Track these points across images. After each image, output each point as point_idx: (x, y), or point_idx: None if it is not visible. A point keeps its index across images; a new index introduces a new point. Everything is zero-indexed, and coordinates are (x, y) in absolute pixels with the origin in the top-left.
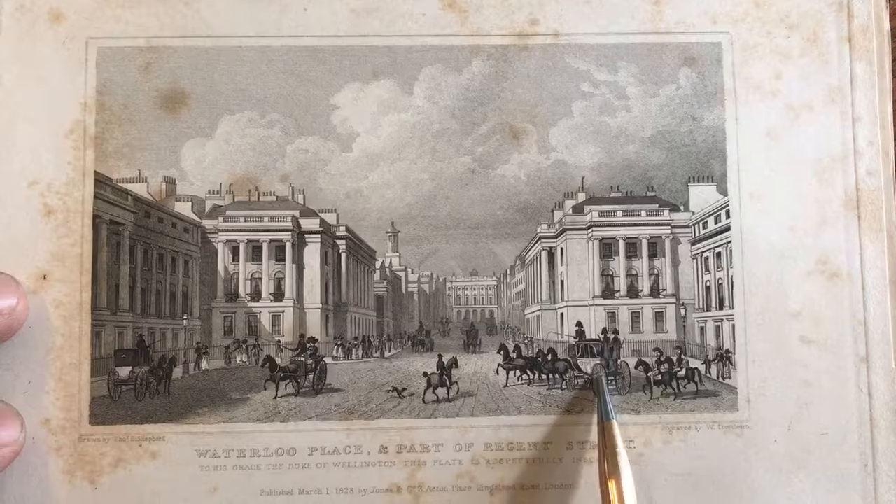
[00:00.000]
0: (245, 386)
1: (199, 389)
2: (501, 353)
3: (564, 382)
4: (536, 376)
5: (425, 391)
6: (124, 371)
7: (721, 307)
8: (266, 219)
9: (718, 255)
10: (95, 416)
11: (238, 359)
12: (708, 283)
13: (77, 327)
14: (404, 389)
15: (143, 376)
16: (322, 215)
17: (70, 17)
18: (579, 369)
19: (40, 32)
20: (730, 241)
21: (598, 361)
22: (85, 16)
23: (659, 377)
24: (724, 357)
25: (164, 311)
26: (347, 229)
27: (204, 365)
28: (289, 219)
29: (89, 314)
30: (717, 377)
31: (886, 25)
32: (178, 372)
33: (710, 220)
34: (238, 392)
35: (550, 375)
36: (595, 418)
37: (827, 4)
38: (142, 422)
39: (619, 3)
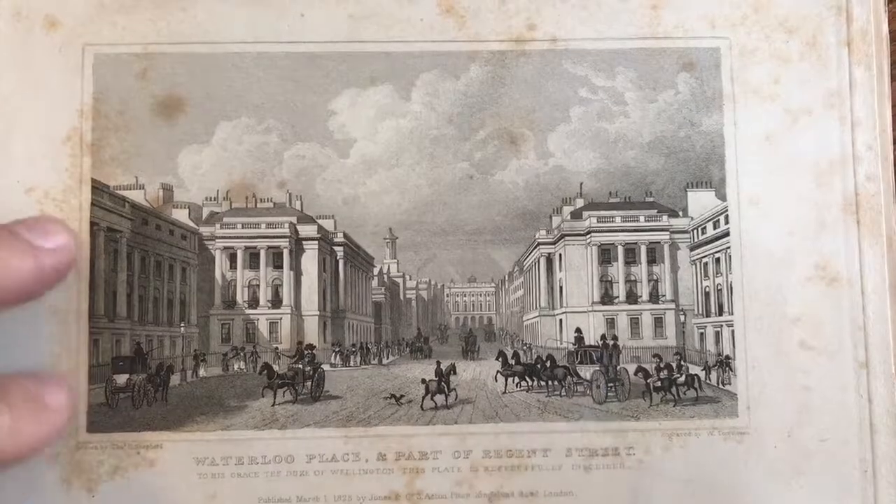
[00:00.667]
0: (243, 393)
1: (197, 397)
2: (500, 359)
3: (563, 389)
4: (535, 383)
5: (424, 398)
6: (122, 378)
7: (720, 313)
8: (263, 225)
9: (717, 260)
10: (93, 424)
11: (236, 366)
12: (707, 289)
13: (74, 335)
14: (402, 396)
15: (140, 384)
16: (320, 222)
17: (66, 23)
18: (578, 376)
19: (36, 39)
20: (729, 247)
21: (598, 368)
22: (81, 22)
23: (658, 383)
24: (724, 363)
25: (161, 318)
26: (345, 236)
27: (202, 372)
28: (286, 225)
29: (87, 321)
30: (717, 383)
31: (885, 29)
32: (175, 379)
33: (709, 225)
34: (236, 399)
35: (549, 382)
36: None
37: (826, 8)
38: (139, 429)
39: (616, 7)
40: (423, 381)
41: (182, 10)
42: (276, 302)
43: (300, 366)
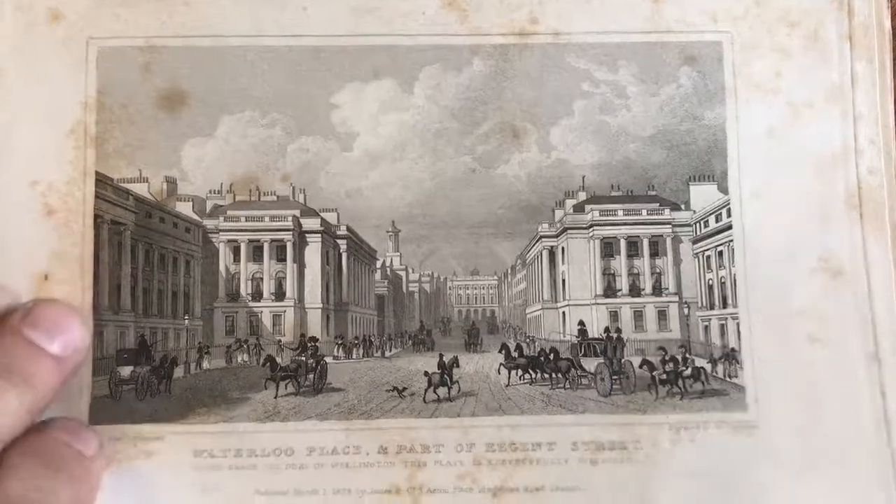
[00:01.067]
0: (246, 385)
1: (200, 389)
2: (503, 352)
3: (567, 382)
4: (539, 375)
5: (426, 391)
6: (126, 371)
7: (725, 305)
8: (267, 218)
9: (720, 253)
10: (94, 416)
11: (239, 358)
12: (710, 282)
13: None
14: (405, 389)
15: (144, 376)
16: (323, 215)
17: (69, 16)
18: (582, 368)
19: (40, 32)
20: (731, 240)
21: (602, 360)
22: (84, 15)
23: (664, 376)
24: (730, 356)
25: (165, 310)
26: (348, 229)
27: (205, 364)
28: (290, 218)
29: (91, 314)
30: (724, 376)
31: (887, 23)
32: (179, 371)
33: (712, 218)
34: (239, 391)
35: (553, 375)
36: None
37: (828, 2)
38: (141, 421)
39: (619, 1)
40: (426, 373)
41: (185, 3)
42: (280, 295)
43: (303, 358)
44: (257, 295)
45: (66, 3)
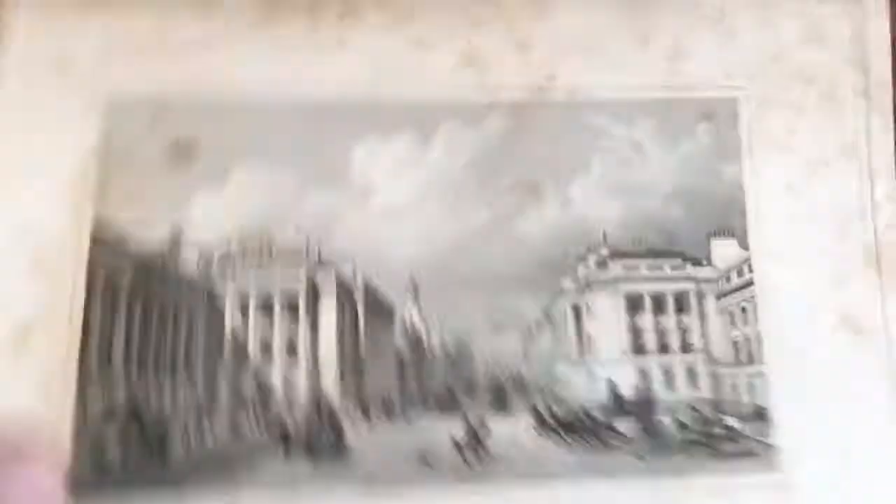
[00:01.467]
0: (252, 455)
1: (200, 459)
2: (532, 414)
3: (601, 444)
4: (572, 439)
5: (452, 456)
6: (113, 435)
7: (752, 362)
8: (278, 273)
9: (744, 309)
10: (77, 487)
11: (245, 423)
12: (736, 339)
13: (62, 385)
14: (428, 454)
15: (135, 442)
16: (338, 270)
17: (80, 62)
18: (616, 430)
19: (48, 77)
20: (754, 296)
21: (634, 421)
22: (96, 61)
23: (695, 436)
24: (760, 414)
25: (162, 370)
26: (364, 284)
27: (206, 430)
28: (302, 273)
29: (76, 371)
30: (755, 435)
31: None
32: (176, 438)
33: (734, 274)
34: (245, 461)
35: (586, 438)
36: None
37: (843, 59)
38: (132, 497)
39: (635, 58)
40: (451, 437)
41: (199, 52)
42: (292, 353)
43: (316, 419)
44: (266, 354)
45: (77, 49)
